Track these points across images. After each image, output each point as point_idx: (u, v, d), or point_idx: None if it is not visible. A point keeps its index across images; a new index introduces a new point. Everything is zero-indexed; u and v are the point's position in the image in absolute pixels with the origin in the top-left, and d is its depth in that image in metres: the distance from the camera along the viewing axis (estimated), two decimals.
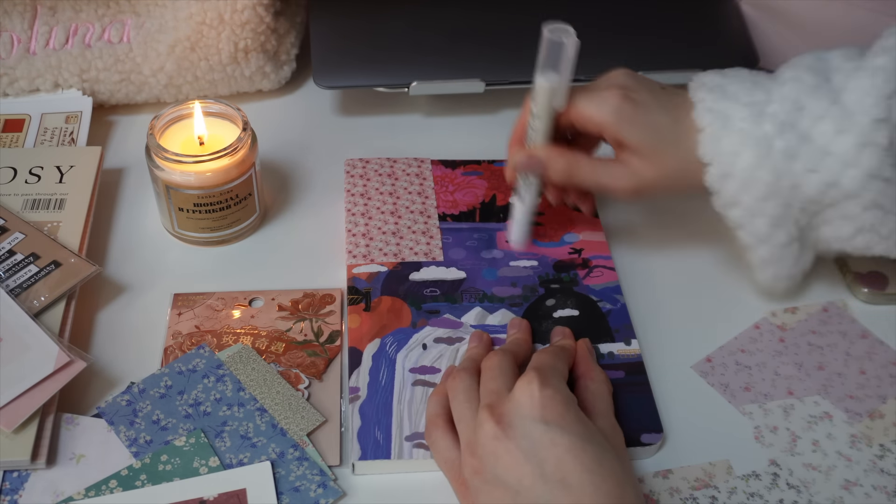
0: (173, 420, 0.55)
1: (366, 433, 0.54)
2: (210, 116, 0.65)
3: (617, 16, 0.77)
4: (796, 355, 0.60)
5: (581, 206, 0.67)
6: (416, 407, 0.55)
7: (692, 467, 0.54)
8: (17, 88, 0.73)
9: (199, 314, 0.61)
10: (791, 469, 0.54)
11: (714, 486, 0.53)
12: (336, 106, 0.79)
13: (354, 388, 0.56)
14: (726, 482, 0.54)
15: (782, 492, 0.53)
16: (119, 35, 0.73)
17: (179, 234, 0.66)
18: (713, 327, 0.62)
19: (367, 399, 0.56)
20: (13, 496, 0.51)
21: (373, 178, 0.70)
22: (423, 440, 0.54)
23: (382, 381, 0.57)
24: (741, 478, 0.54)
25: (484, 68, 0.74)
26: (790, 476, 0.54)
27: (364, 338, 0.59)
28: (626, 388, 0.57)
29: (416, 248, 0.65)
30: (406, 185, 0.69)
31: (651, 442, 0.54)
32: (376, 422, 0.55)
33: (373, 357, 0.58)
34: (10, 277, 0.59)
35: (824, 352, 0.60)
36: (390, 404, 0.56)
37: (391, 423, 0.55)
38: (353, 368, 0.57)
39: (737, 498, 0.53)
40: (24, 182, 0.65)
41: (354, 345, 0.59)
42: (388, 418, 0.55)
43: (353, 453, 0.53)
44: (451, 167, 0.71)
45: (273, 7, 0.74)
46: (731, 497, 0.53)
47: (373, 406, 0.55)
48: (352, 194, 0.68)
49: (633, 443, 0.54)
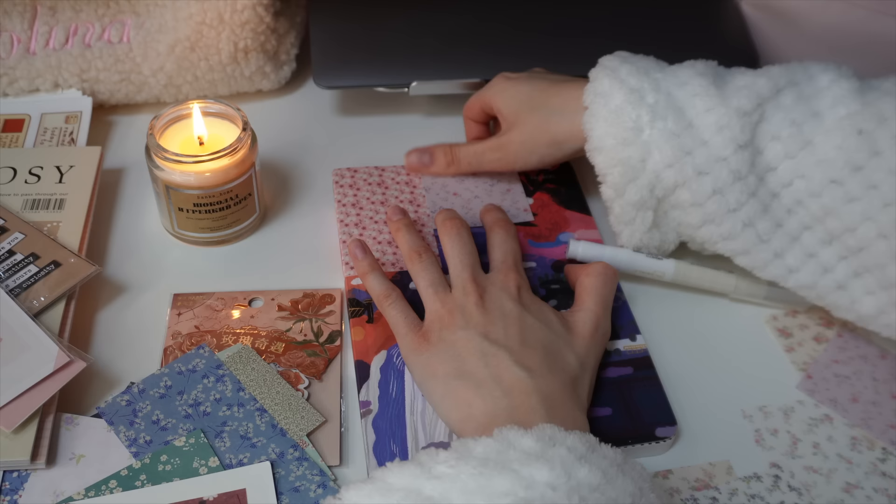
0: (173, 420, 0.55)
1: (382, 447, 0.53)
2: (210, 116, 0.65)
3: (616, 16, 0.77)
4: (827, 391, 0.59)
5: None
6: (429, 417, 0.55)
7: (692, 468, 0.54)
8: (17, 88, 0.73)
9: (198, 314, 0.61)
10: (792, 471, 0.54)
11: (714, 487, 0.53)
12: (336, 106, 0.79)
13: (366, 402, 0.56)
14: (727, 483, 0.54)
15: (783, 494, 0.53)
16: (119, 35, 0.73)
17: (179, 234, 0.66)
18: (712, 327, 0.62)
19: (380, 412, 0.55)
20: (13, 496, 0.51)
21: (363, 187, 0.69)
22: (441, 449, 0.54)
23: (393, 394, 0.56)
24: (742, 479, 0.54)
25: (484, 68, 0.74)
26: (791, 478, 0.54)
27: (370, 350, 0.58)
28: (635, 383, 0.57)
29: None
30: (396, 193, 0.69)
31: (666, 436, 0.54)
32: (391, 434, 0.54)
33: (381, 369, 0.57)
34: (10, 277, 0.59)
35: (853, 381, 0.59)
36: (403, 416, 0.55)
37: (406, 435, 0.54)
38: (362, 382, 0.57)
39: (738, 499, 0.53)
40: (23, 182, 0.65)
41: (361, 358, 0.58)
42: (403, 431, 0.54)
43: (371, 468, 0.53)
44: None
45: (273, 7, 0.74)
46: (731, 498, 0.53)
47: (386, 419, 0.55)
48: (343, 205, 0.68)
49: (648, 438, 0.54)
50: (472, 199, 0.69)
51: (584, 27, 0.77)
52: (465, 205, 0.68)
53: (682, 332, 0.62)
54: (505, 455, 0.44)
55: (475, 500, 0.42)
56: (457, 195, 0.69)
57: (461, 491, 0.42)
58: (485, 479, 0.43)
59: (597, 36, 0.76)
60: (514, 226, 0.63)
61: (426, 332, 0.56)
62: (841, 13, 0.74)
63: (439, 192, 0.69)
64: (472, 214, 0.67)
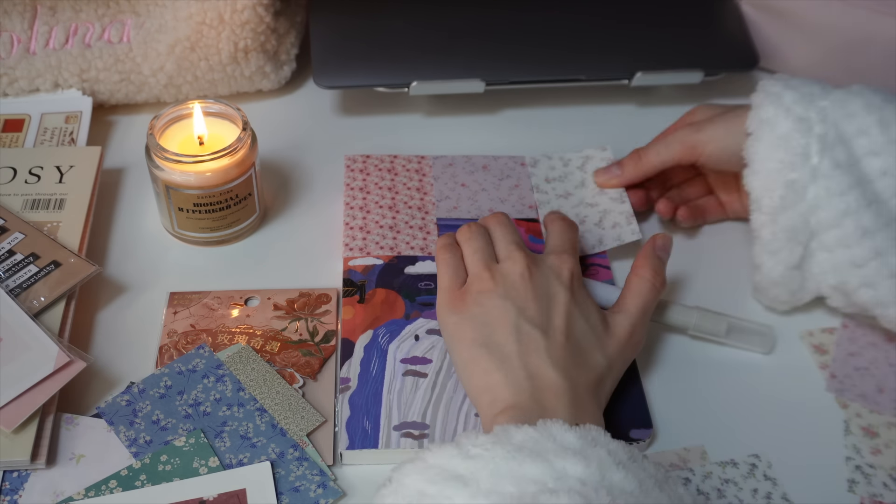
0: (173, 420, 0.55)
1: (354, 423, 0.54)
2: (210, 116, 0.65)
3: (617, 16, 0.77)
4: (854, 387, 0.59)
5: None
6: (405, 397, 0.56)
7: (667, 452, 0.55)
8: (17, 88, 0.73)
9: (194, 313, 0.61)
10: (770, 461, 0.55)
11: (689, 469, 0.54)
12: (336, 106, 0.79)
13: (345, 379, 0.57)
14: (702, 466, 0.54)
15: (758, 482, 0.53)
16: (119, 35, 0.73)
17: (179, 234, 0.66)
18: None
19: (357, 389, 0.56)
20: (13, 496, 0.51)
21: (372, 172, 0.70)
22: (412, 430, 0.54)
23: (373, 372, 0.57)
24: (718, 464, 0.54)
25: (484, 68, 0.74)
26: (768, 469, 0.54)
27: (357, 329, 0.59)
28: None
29: (413, 242, 0.65)
30: (405, 180, 0.69)
31: (640, 438, 0.55)
32: (365, 412, 0.55)
33: (365, 348, 0.58)
34: (10, 277, 0.59)
35: (872, 371, 0.59)
36: (380, 394, 0.56)
37: (380, 413, 0.55)
38: (345, 359, 0.58)
39: (711, 483, 0.53)
40: (23, 182, 0.65)
41: (347, 336, 0.59)
42: (378, 408, 0.55)
43: (342, 443, 0.53)
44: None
45: (273, 7, 0.74)
46: (704, 481, 0.53)
47: (362, 396, 0.56)
48: (351, 188, 0.68)
49: (622, 438, 0.54)
50: (479, 192, 0.69)
51: (584, 27, 0.77)
52: (473, 196, 0.68)
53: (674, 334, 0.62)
54: (543, 445, 0.44)
55: (503, 483, 0.42)
56: (465, 186, 0.69)
57: (491, 473, 0.43)
58: (517, 464, 0.43)
59: (597, 36, 0.76)
60: (576, 225, 0.62)
61: (464, 293, 0.55)
62: (841, 13, 0.74)
63: (447, 182, 0.69)
64: (477, 206, 0.68)
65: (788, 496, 0.53)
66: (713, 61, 0.76)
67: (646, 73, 0.74)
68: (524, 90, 0.77)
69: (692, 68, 0.75)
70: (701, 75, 0.75)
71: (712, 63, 0.76)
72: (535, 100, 0.79)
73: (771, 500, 0.53)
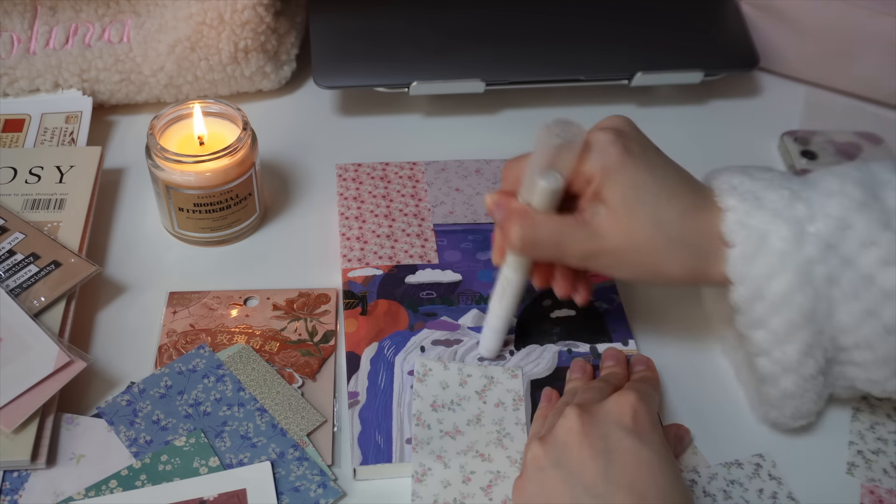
0: (173, 420, 0.55)
1: (366, 438, 0.54)
2: (210, 116, 0.65)
3: (617, 16, 0.77)
4: None
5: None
6: (415, 409, 0.55)
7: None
8: (17, 88, 0.73)
9: (193, 312, 0.61)
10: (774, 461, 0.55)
11: (694, 471, 0.54)
12: (336, 106, 0.79)
13: (354, 393, 0.56)
14: (707, 468, 0.54)
15: (763, 482, 0.54)
16: (119, 35, 0.73)
17: (179, 234, 0.66)
18: (709, 327, 0.62)
19: (367, 403, 0.56)
20: (13, 496, 0.51)
21: (365, 181, 0.69)
22: None
23: (381, 385, 0.57)
24: (723, 465, 0.54)
25: (484, 68, 0.74)
26: (773, 468, 0.54)
27: (362, 342, 0.59)
28: None
29: (411, 250, 0.65)
30: (399, 187, 0.69)
31: None
32: (376, 426, 0.55)
33: (371, 361, 0.58)
34: (10, 277, 0.59)
35: None
36: (390, 408, 0.55)
37: (391, 427, 0.55)
38: (352, 373, 0.57)
39: (717, 484, 0.53)
40: (24, 182, 0.65)
41: (352, 349, 0.58)
42: (388, 422, 0.55)
43: (355, 458, 0.53)
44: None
45: (273, 7, 0.74)
46: (710, 482, 0.53)
47: (372, 410, 0.55)
48: (345, 198, 0.68)
49: None
50: (473, 196, 0.69)
51: (584, 27, 0.77)
52: (468, 200, 0.68)
53: (678, 331, 0.62)
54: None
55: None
56: (459, 191, 0.69)
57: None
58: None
59: (597, 36, 0.76)
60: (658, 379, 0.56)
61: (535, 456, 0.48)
62: (841, 13, 0.74)
63: (441, 188, 0.69)
64: (473, 210, 0.68)
65: (794, 495, 0.53)
66: (713, 61, 0.76)
67: (646, 73, 0.74)
68: (524, 90, 0.77)
69: (692, 68, 0.75)
70: (701, 75, 0.75)
71: (712, 63, 0.76)
72: (535, 100, 0.79)
73: (777, 500, 0.53)
